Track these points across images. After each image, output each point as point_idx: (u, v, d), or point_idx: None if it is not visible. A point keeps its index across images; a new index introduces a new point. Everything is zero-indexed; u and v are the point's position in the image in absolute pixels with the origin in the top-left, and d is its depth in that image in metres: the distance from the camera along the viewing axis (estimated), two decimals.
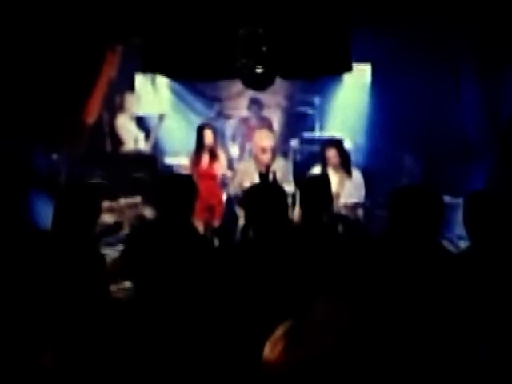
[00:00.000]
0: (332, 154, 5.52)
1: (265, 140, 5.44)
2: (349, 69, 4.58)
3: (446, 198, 4.91)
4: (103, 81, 4.93)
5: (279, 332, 2.41)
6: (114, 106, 5.90)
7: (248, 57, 3.83)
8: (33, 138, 4.49)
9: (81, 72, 4.65)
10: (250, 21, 3.79)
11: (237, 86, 7.60)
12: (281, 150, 7.26)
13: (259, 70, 3.87)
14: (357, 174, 5.57)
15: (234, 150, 7.28)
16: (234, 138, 7.37)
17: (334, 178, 5.53)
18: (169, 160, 6.77)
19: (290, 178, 5.67)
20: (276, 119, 7.82)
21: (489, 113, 5.34)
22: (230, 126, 7.45)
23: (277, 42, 3.96)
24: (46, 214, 3.62)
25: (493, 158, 5.23)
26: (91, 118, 4.98)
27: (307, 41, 4.14)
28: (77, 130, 4.86)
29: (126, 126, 5.94)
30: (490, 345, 2.86)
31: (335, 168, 5.55)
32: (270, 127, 7.23)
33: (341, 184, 5.37)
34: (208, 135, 5.73)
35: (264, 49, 3.82)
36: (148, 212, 4.72)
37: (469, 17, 5.06)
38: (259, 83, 4.13)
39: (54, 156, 4.76)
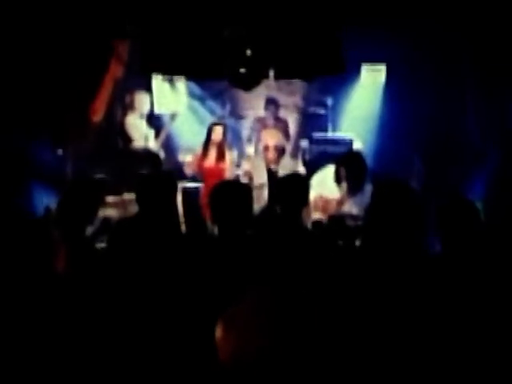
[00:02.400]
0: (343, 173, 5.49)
1: (270, 138, 5.53)
2: (342, 69, 4.60)
3: None
4: (109, 80, 5.10)
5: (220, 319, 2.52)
6: (124, 104, 6.11)
7: (232, 57, 3.92)
8: (39, 134, 4.71)
9: (87, 71, 4.83)
10: (241, 20, 3.86)
11: None
12: (295, 149, 7.35)
13: (243, 71, 3.95)
14: (367, 187, 5.49)
15: (250, 150, 7.37)
16: (249, 138, 7.46)
17: (343, 185, 5.52)
18: (182, 157, 6.92)
19: None
20: (292, 119, 7.86)
21: (493, 116, 5.29)
22: (245, 126, 7.54)
23: (267, 42, 4.03)
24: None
25: (495, 160, 5.18)
26: (97, 116, 5.17)
27: (299, 41, 4.19)
28: (83, 127, 5.06)
29: (135, 124, 6.11)
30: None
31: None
32: (285, 128, 7.31)
33: (346, 192, 5.32)
34: (217, 132, 5.87)
35: (248, 50, 3.91)
36: None
37: (473, 27, 5.08)
38: (245, 83, 4.21)
39: (60, 151, 4.98)
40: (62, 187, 4.99)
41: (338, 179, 5.47)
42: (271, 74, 4.44)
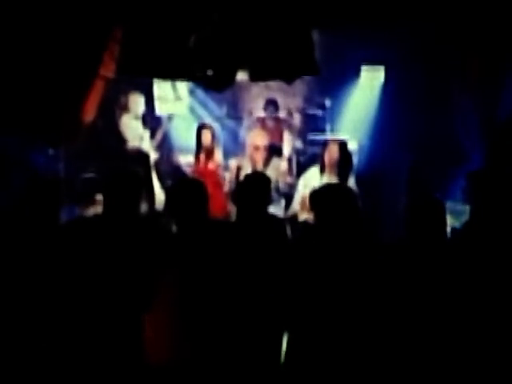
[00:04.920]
0: (332, 150, 5.57)
1: (258, 139, 5.60)
2: (315, 71, 4.64)
3: None
4: (100, 80, 5.23)
5: None
6: (119, 105, 6.29)
7: (199, 61, 4.00)
8: (30, 134, 4.86)
9: (78, 70, 4.95)
10: (213, 21, 3.94)
11: (250, 87, 7.86)
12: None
13: (210, 73, 4.03)
14: (351, 181, 5.61)
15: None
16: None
17: (329, 180, 5.60)
18: (182, 158, 7.03)
19: (284, 177, 5.82)
20: (292, 120, 7.90)
21: (480, 118, 5.30)
22: (245, 127, 7.60)
23: (238, 44, 4.10)
24: None
25: (482, 161, 5.17)
26: (89, 116, 5.32)
27: (272, 43, 4.25)
28: (74, 127, 5.21)
29: (129, 125, 6.24)
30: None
31: (331, 170, 5.62)
32: (284, 129, 7.37)
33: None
34: (206, 135, 6.00)
35: (216, 53, 3.99)
36: None
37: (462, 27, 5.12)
38: (214, 85, 4.30)
39: (51, 151, 5.14)
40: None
41: (322, 168, 5.57)
42: (246, 75, 4.52)
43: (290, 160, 6.66)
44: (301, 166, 6.46)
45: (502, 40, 5.11)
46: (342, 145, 5.70)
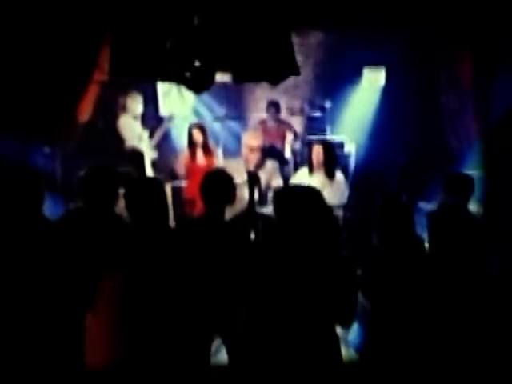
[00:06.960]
0: (317, 150, 5.71)
1: (253, 140, 5.70)
2: (296, 71, 4.67)
3: (421, 204, 4.98)
4: (95, 81, 5.38)
5: None
6: (117, 105, 6.44)
7: (179, 63, 4.08)
8: (26, 132, 5.01)
9: (73, 72, 5.10)
10: (194, 23, 4.01)
11: (253, 88, 7.94)
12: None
13: (188, 75, 4.11)
14: (340, 177, 5.70)
15: None
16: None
17: (318, 179, 5.70)
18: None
19: (278, 179, 5.90)
20: (297, 122, 7.95)
21: (472, 120, 5.30)
22: (246, 128, 7.67)
23: (219, 47, 4.17)
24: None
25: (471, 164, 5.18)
26: (84, 116, 5.46)
27: (254, 45, 4.30)
28: (69, 127, 5.36)
29: (128, 125, 6.38)
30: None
31: (319, 169, 5.73)
32: (286, 130, 7.42)
33: (322, 186, 5.47)
34: (197, 134, 6.13)
35: (196, 54, 4.06)
36: None
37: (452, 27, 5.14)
38: (193, 87, 4.38)
39: (46, 150, 5.29)
40: (52, 184, 5.35)
41: (311, 168, 5.69)
42: (229, 77, 4.59)
43: (287, 162, 6.73)
44: (297, 167, 6.52)
45: (494, 42, 5.12)
46: (326, 145, 5.83)
